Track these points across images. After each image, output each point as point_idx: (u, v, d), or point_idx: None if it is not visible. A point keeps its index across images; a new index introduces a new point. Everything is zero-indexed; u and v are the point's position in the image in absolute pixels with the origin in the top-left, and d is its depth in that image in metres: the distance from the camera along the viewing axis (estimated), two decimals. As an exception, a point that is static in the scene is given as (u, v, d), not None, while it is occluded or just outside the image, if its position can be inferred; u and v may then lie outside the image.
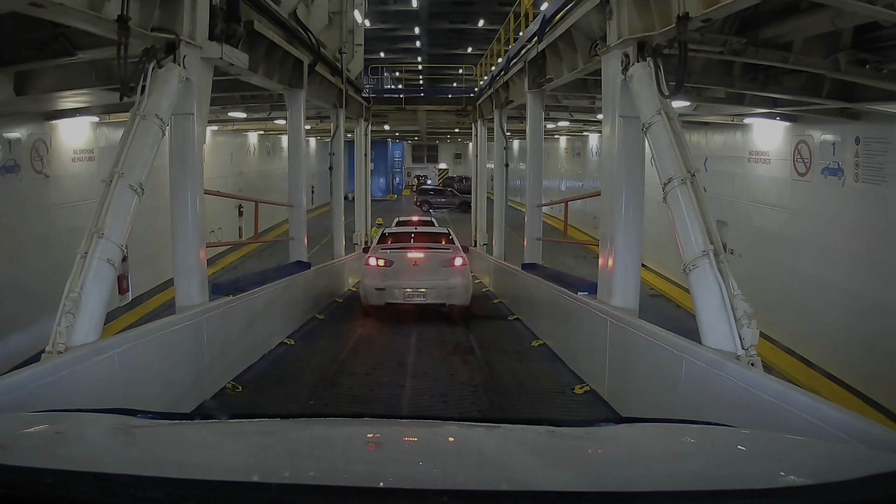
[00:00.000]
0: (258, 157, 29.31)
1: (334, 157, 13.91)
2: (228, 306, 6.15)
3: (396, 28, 37.07)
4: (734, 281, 4.11)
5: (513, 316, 10.16)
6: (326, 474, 1.67)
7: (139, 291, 14.27)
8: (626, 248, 5.62)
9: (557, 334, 7.59)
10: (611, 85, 5.77)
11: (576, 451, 1.97)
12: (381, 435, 2.19)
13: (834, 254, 9.46)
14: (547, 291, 7.94)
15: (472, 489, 1.55)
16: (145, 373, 4.59)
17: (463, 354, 7.74)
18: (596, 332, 5.78)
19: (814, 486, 1.52)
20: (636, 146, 5.62)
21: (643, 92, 5.07)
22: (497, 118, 14.28)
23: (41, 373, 3.46)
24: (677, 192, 4.54)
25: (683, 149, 4.70)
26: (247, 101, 12.65)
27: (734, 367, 3.69)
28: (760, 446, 2.01)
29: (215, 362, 5.82)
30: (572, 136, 32.17)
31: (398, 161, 51.85)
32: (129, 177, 4.63)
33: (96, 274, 4.25)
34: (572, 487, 1.57)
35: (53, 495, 1.37)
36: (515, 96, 12.34)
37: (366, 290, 9.78)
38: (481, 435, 2.13)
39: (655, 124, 4.84)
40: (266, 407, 5.63)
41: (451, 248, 10.51)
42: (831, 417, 2.81)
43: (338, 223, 14.03)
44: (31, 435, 1.98)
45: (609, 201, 5.83)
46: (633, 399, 5.02)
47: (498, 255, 14.29)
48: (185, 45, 5.53)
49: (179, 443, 1.96)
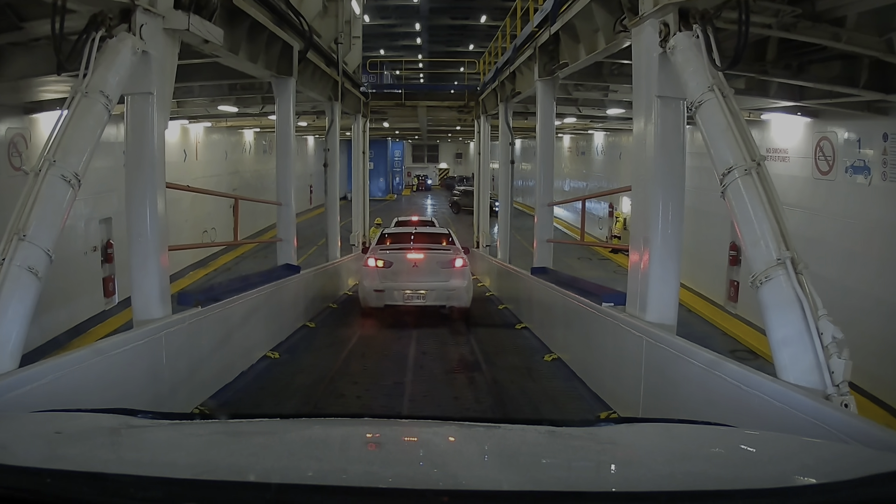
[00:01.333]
0: (254, 156, 28.50)
1: (329, 154, 13.05)
2: (196, 319, 5.27)
3: (396, 24, 36.27)
4: (818, 298, 3.24)
5: (520, 324, 9.29)
6: (326, 474, 1.67)
7: (127, 293, 14.18)
8: (665, 253, 4.73)
9: (575, 349, 6.71)
10: (644, 61, 4.89)
11: (576, 451, 1.95)
12: (381, 435, 2.17)
13: (859, 257, 8.76)
14: (562, 300, 7.06)
15: (472, 489, 1.55)
16: (83, 405, 3.71)
17: (467, 371, 6.87)
18: (627, 351, 4.90)
19: (814, 486, 1.51)
20: (675, 132, 4.74)
21: (689, 65, 4.20)
22: (502, 112, 13.40)
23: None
24: (739, 184, 3.67)
25: (744, 131, 3.83)
26: (236, 93, 11.81)
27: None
28: (761, 446, 1.98)
29: (179, 385, 4.95)
30: (576, 136, 31.40)
31: (398, 161, 51.14)
32: (63, 165, 3.76)
33: (13, 286, 3.38)
34: (572, 487, 1.57)
35: (53, 495, 1.37)
36: (523, 87, 11.47)
37: (364, 292, 9.46)
38: (481, 435, 2.12)
39: (707, 103, 3.97)
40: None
41: (452, 249, 10.14)
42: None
43: (333, 223, 13.16)
44: (31, 435, 1.96)
45: (642, 198, 4.95)
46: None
47: (503, 258, 13.42)
48: (142, 12, 4.67)
49: (179, 443, 1.95)
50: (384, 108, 20.64)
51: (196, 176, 20.76)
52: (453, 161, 57.10)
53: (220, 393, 5.63)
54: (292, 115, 9.05)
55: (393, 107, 20.41)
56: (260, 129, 28.07)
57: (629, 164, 20.60)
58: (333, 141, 13.07)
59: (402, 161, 51.56)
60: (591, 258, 23.88)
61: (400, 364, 7.10)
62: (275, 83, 8.99)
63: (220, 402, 5.43)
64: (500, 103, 13.53)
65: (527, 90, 11.15)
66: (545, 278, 8.40)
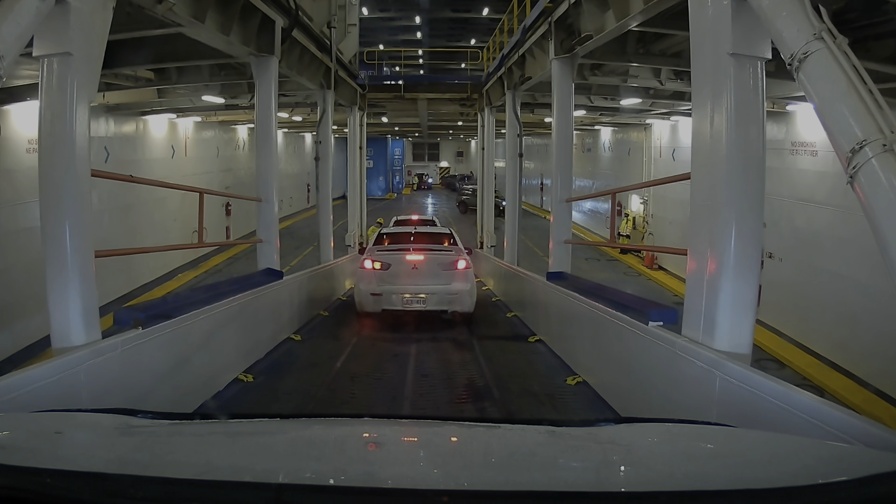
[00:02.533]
0: (249, 153, 27.40)
1: (321, 146, 11.94)
2: (134, 345, 4.15)
3: (396, 17, 35.22)
4: None
5: (534, 337, 8.18)
6: (326, 474, 1.67)
7: (105, 300, 13.42)
8: (740, 260, 3.60)
9: (606, 373, 5.59)
10: (711, 11, 3.76)
11: (576, 451, 1.94)
12: (381, 435, 2.15)
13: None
14: (589, 313, 5.94)
15: (472, 489, 1.56)
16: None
17: (477, 400, 5.75)
18: (687, 388, 3.78)
19: (814, 486, 1.51)
20: (754, 101, 3.62)
21: (783, 7, 3.08)
22: (509, 101, 12.28)
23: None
24: (875, 166, 2.56)
25: (875, 93, 2.72)
26: (219, 78, 10.72)
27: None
28: (760, 446, 1.97)
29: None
30: (582, 132, 30.29)
31: (398, 159, 50.40)
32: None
33: None
34: (572, 487, 1.58)
35: (53, 495, 1.37)
36: (534, 71, 10.34)
37: (360, 296, 8.93)
38: (481, 435, 2.12)
39: (816, 55, 2.85)
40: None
41: (454, 249, 9.53)
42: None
43: (325, 223, 12.05)
44: (31, 435, 1.94)
45: (707, 190, 3.82)
46: None
47: (510, 260, 12.30)
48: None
49: (179, 443, 1.95)
50: (382, 100, 19.52)
51: (185, 173, 19.67)
52: (454, 159, 56.29)
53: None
54: (274, 98, 7.94)
55: (392, 99, 19.28)
56: (254, 126, 27.08)
57: (682, 154, 19.37)
58: (326, 132, 11.96)
59: (402, 159, 50.80)
60: (598, 259, 22.75)
61: (396, 390, 5.98)
62: (254, 63, 7.88)
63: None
64: (507, 91, 12.41)
65: (539, 74, 10.03)
66: (563, 285, 7.28)
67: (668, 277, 18.79)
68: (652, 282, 18.87)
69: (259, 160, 8.03)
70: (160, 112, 16.24)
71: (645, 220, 21.71)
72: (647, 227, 21.50)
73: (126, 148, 15.44)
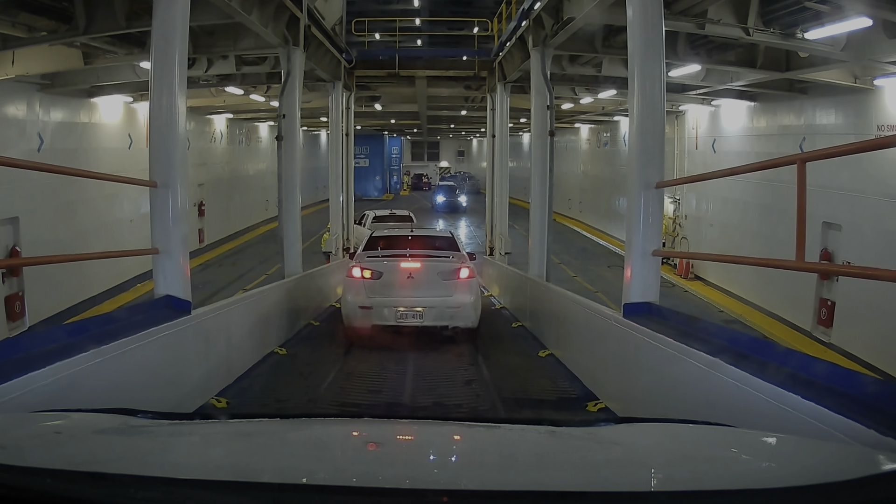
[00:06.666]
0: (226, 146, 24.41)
1: (285, 121, 8.93)
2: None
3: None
4: None
5: (604, 411, 5.11)
6: (326, 474, 1.67)
7: (43, 314, 11.57)
8: None
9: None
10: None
11: (576, 451, 1.94)
12: (380, 435, 2.13)
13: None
14: (756, 398, 2.97)
15: (472, 489, 1.55)
16: None
17: None
18: None
19: (814, 486, 1.47)
20: None
21: None
22: (536, 62, 9.28)
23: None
24: None
25: None
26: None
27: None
28: (760, 446, 1.98)
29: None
30: (596, 125, 27.37)
31: (396, 158, 48.12)
32: None
33: None
34: (572, 487, 1.56)
35: (53, 495, 1.36)
36: (578, 10, 7.32)
37: (348, 309, 7.99)
38: (481, 435, 2.12)
39: None
40: None
41: (456, 256, 8.39)
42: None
43: (291, 224, 9.07)
44: (31, 435, 1.94)
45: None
46: None
47: (538, 274, 9.29)
48: None
49: (179, 443, 1.95)
50: (374, 80, 16.51)
51: (145, 167, 16.77)
52: (455, 159, 53.82)
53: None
54: (177, 48, 4.90)
55: (385, 78, 16.24)
56: (234, 116, 23.95)
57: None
58: (291, 103, 8.95)
59: (399, 158, 48.57)
60: (621, 266, 19.87)
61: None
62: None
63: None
64: (533, 50, 9.40)
65: (586, 12, 7.01)
66: (660, 329, 4.23)
67: (707, 289, 15.91)
68: (689, 293, 16.02)
69: (153, 137, 5.03)
70: (113, 94, 13.56)
71: (676, 223, 18.70)
72: (678, 231, 18.52)
73: (69, 136, 13.14)
